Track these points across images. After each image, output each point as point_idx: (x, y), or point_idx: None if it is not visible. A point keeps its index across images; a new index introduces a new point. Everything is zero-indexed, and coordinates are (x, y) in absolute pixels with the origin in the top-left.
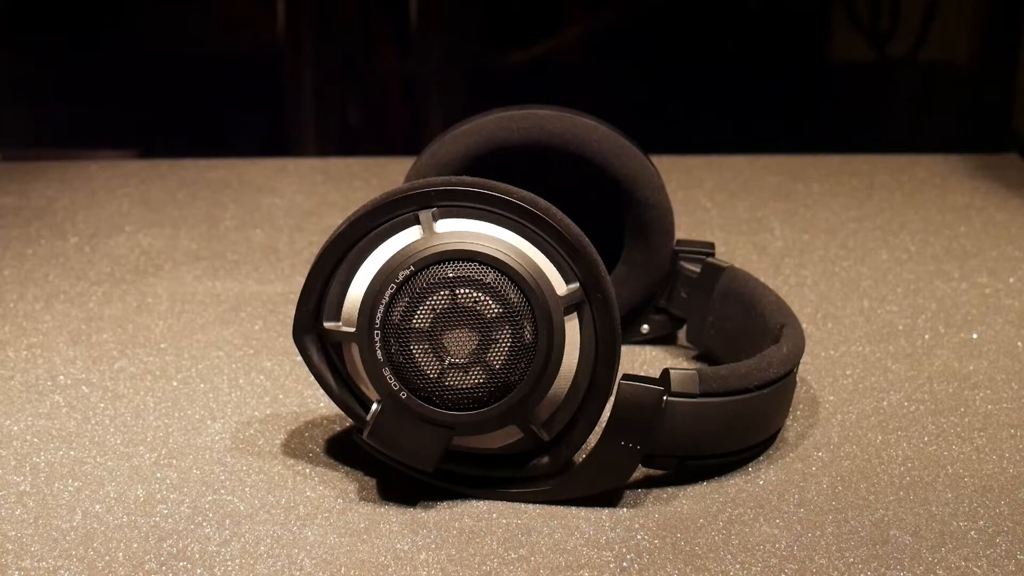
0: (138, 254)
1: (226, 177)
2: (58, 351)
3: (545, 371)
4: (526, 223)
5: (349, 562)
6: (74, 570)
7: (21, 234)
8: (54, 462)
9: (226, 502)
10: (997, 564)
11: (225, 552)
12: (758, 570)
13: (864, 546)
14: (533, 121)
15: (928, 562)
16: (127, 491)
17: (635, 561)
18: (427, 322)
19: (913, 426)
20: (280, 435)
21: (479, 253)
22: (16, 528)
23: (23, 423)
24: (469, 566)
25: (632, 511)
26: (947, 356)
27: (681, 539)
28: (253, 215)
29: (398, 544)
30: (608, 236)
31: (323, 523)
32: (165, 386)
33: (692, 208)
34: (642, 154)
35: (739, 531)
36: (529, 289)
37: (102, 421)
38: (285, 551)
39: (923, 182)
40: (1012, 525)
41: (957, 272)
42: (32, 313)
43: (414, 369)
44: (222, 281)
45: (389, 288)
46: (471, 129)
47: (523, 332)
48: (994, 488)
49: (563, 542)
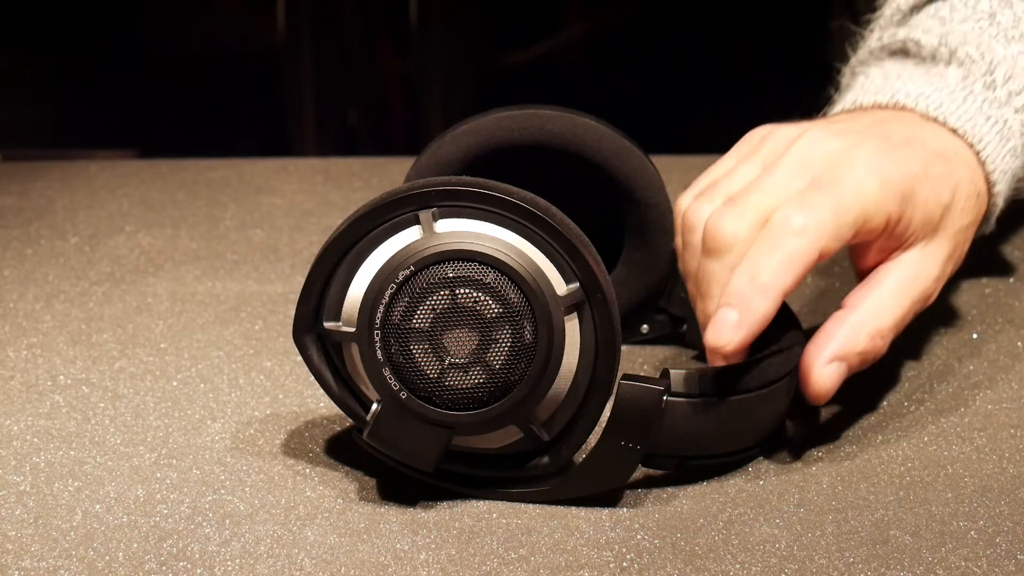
0: (138, 254)
1: (226, 177)
2: (58, 351)
3: (545, 371)
4: (526, 223)
5: (349, 562)
6: (74, 570)
7: (21, 234)
8: (54, 462)
9: (226, 502)
10: (997, 564)
11: (225, 552)
12: (758, 570)
13: (864, 546)
14: (534, 121)
15: (928, 562)
16: (127, 491)
17: (635, 561)
18: (427, 322)
19: (913, 426)
20: (280, 435)
21: (479, 253)
22: (16, 528)
23: (23, 423)
24: (469, 566)
25: (632, 511)
26: (947, 356)
27: (681, 539)
28: (253, 215)
29: (398, 544)
30: (608, 236)
31: (323, 523)
32: (165, 386)
33: None
34: (643, 154)
35: (739, 531)
36: (529, 289)
37: (102, 421)
38: (285, 551)
39: None
40: (1012, 525)
41: (957, 271)
42: (32, 313)
43: (414, 369)
44: (222, 281)
45: (389, 288)
46: (471, 129)
47: (523, 332)
48: (994, 488)
49: (563, 542)
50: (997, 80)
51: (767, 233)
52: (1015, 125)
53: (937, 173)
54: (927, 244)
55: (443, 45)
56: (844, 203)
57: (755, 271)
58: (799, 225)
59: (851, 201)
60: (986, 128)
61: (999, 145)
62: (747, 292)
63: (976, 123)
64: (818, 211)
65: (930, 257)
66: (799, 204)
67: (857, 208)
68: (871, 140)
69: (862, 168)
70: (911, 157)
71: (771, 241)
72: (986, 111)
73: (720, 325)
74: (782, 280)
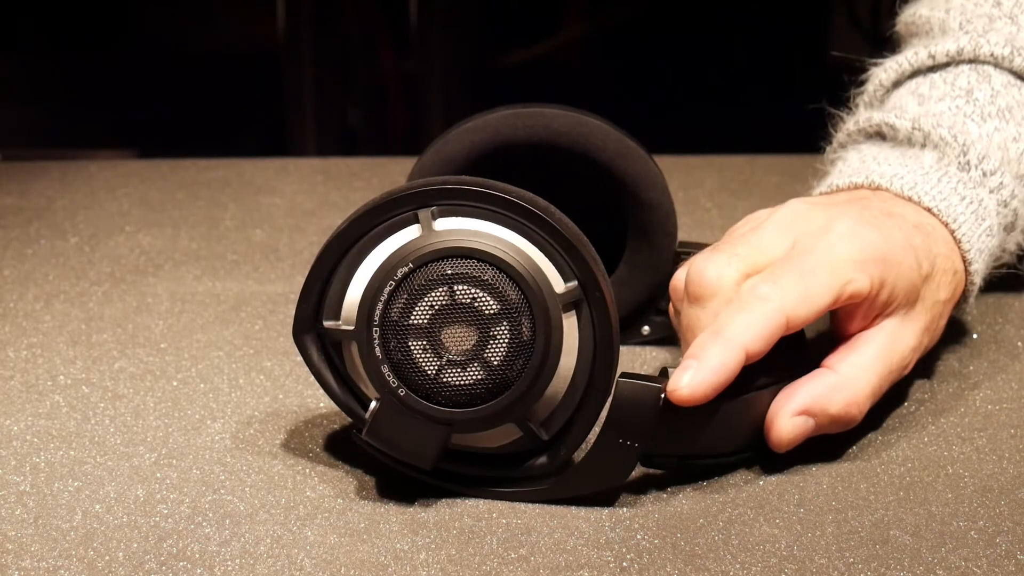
0: (138, 254)
1: (226, 177)
2: (58, 351)
3: (543, 368)
4: (525, 221)
5: (349, 562)
6: (74, 570)
7: (21, 234)
8: (54, 462)
9: (226, 502)
10: (997, 564)
11: (225, 552)
12: (758, 570)
13: (864, 546)
14: (539, 120)
15: (928, 562)
16: (127, 491)
17: (635, 561)
18: (425, 319)
19: (913, 426)
20: (280, 435)
21: (477, 250)
22: (16, 528)
23: (23, 423)
24: (469, 566)
25: (632, 511)
26: (947, 356)
27: (681, 539)
28: (253, 215)
29: (398, 544)
30: (611, 236)
31: (323, 523)
32: (165, 386)
33: (692, 208)
34: (647, 156)
35: (739, 531)
36: (527, 286)
37: (102, 421)
38: (285, 551)
39: None
40: (1012, 525)
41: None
42: (32, 313)
43: (412, 366)
44: (222, 281)
45: (388, 285)
46: (476, 126)
47: (521, 329)
48: (994, 488)
49: (563, 542)
50: (971, 161)
51: (736, 298)
52: (990, 205)
53: (917, 243)
54: (907, 313)
55: (443, 45)
56: (814, 274)
57: (719, 325)
58: (764, 292)
59: (823, 271)
60: (961, 207)
61: (975, 224)
62: (708, 343)
63: (951, 203)
64: (784, 280)
65: (909, 326)
66: (768, 275)
67: (828, 276)
68: (851, 212)
69: (839, 236)
70: (892, 226)
71: (738, 303)
72: (960, 191)
73: (679, 371)
74: (744, 337)
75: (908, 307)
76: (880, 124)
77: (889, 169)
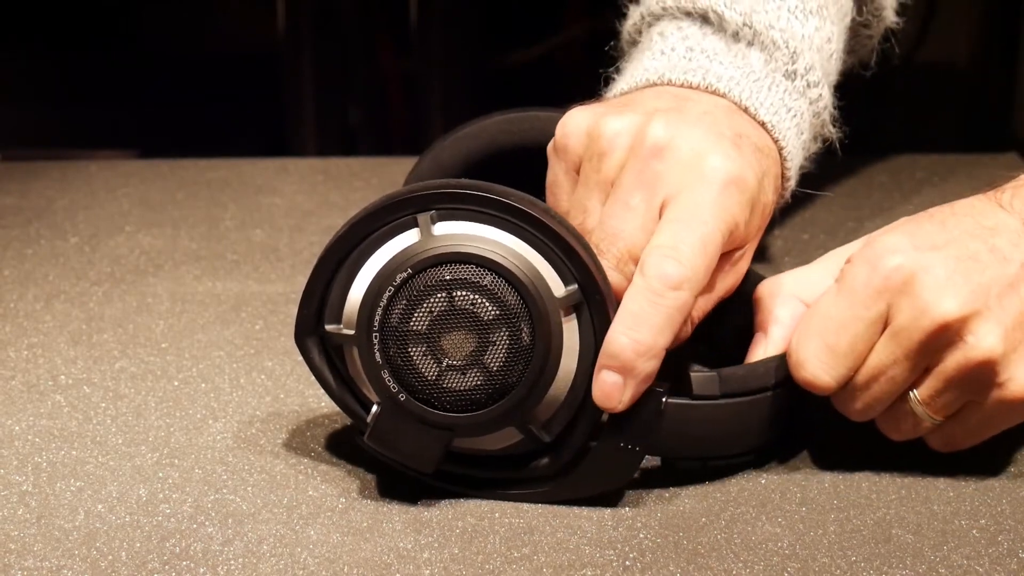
0: (138, 254)
1: (226, 177)
2: (59, 351)
3: (543, 372)
4: (524, 225)
5: (352, 561)
6: (77, 570)
7: (21, 234)
8: (56, 462)
9: (228, 501)
10: (999, 562)
11: (228, 551)
12: (760, 569)
13: (866, 545)
14: (535, 124)
15: (930, 560)
16: (129, 491)
17: (638, 560)
18: (424, 324)
19: None
20: (282, 434)
21: (476, 255)
22: (19, 528)
23: (24, 423)
24: (472, 565)
25: (634, 510)
26: None
27: (684, 538)
28: (253, 215)
29: (401, 543)
30: None
31: (326, 522)
32: (166, 386)
33: None
34: None
35: (741, 530)
36: (526, 291)
37: (103, 421)
38: (288, 550)
39: (922, 182)
40: (1014, 524)
41: None
42: (32, 313)
43: (412, 371)
44: (222, 281)
45: (387, 291)
46: (472, 132)
47: (520, 334)
48: (995, 487)
49: (566, 541)
50: (799, 71)
51: (642, 281)
52: (807, 116)
53: (766, 168)
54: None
55: (443, 45)
56: (710, 236)
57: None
58: (675, 278)
59: (715, 229)
60: (788, 122)
61: (795, 139)
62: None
63: (780, 116)
64: (689, 255)
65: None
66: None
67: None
68: (712, 136)
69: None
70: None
71: (648, 294)
72: (788, 103)
73: (607, 388)
74: (666, 338)
75: None
76: (707, 9)
77: (724, 71)
